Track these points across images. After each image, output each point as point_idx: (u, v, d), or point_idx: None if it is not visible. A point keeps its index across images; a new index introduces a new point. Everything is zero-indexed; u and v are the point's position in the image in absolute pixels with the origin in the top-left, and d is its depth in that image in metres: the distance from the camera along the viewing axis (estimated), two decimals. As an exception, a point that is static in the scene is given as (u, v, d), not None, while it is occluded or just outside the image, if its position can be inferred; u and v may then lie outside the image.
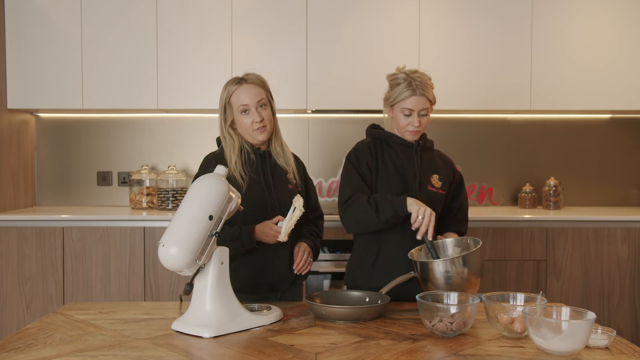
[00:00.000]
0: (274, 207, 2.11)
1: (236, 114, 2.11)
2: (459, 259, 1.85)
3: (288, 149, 2.24)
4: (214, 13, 3.52)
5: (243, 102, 2.09)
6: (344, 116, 3.86)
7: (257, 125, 2.09)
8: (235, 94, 2.11)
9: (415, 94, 2.07)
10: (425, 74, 2.13)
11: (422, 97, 2.08)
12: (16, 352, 1.48)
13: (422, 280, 1.90)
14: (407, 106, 2.09)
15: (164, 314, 1.85)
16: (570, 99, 3.58)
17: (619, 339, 1.58)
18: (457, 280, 1.83)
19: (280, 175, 2.18)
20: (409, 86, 2.08)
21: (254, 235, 2.03)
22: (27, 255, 3.27)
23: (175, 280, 3.26)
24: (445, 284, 1.84)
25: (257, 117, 2.09)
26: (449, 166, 2.28)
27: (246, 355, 1.47)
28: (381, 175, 2.14)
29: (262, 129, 2.11)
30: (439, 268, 1.84)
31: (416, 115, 2.10)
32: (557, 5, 3.56)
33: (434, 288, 1.86)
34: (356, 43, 3.53)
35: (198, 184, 1.71)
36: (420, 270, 1.89)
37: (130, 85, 3.53)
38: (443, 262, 1.85)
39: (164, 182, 3.62)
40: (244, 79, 2.13)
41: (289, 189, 2.16)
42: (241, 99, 2.09)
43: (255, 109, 2.09)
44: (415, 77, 2.09)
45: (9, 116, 3.57)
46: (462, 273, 1.83)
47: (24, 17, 3.51)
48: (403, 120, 2.12)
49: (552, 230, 3.32)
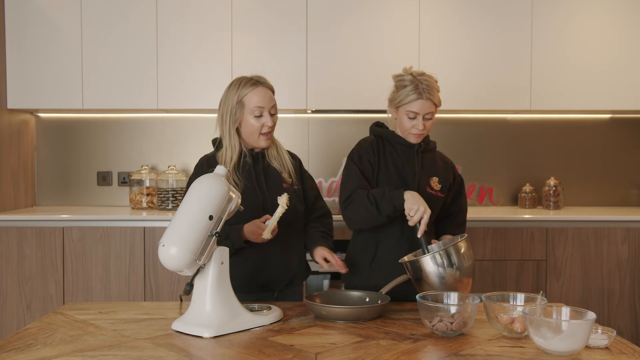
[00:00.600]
0: (266, 208, 2.09)
1: (247, 114, 2.07)
2: (445, 251, 1.85)
3: (282, 149, 2.22)
4: (214, 13, 3.52)
5: (259, 104, 2.06)
6: (344, 116, 3.86)
7: (266, 129, 2.08)
8: (251, 95, 2.07)
9: (421, 98, 2.07)
10: (433, 77, 2.12)
11: (428, 101, 2.08)
12: (16, 352, 1.48)
13: (415, 281, 1.90)
14: (413, 109, 2.08)
15: (164, 314, 1.85)
16: (570, 99, 3.58)
17: (619, 339, 1.58)
18: (449, 273, 1.83)
19: (273, 176, 2.16)
20: (415, 89, 2.07)
21: (242, 234, 2.01)
22: (27, 255, 3.27)
23: (175, 280, 3.27)
24: (438, 281, 1.83)
25: (270, 122, 2.08)
26: (449, 168, 2.27)
27: (246, 355, 1.47)
28: (382, 174, 2.14)
29: (269, 135, 2.11)
30: (428, 264, 1.84)
31: (421, 119, 2.09)
32: (557, 5, 3.56)
33: (428, 287, 1.85)
34: (356, 43, 3.54)
35: (198, 184, 1.71)
36: (412, 270, 1.89)
37: (130, 85, 3.52)
38: (431, 257, 1.85)
39: (164, 182, 3.62)
40: (258, 81, 2.10)
41: (284, 189, 2.14)
42: (257, 100, 2.07)
43: (269, 113, 2.08)
44: (422, 80, 2.08)
45: (9, 116, 3.57)
46: (452, 267, 1.83)
47: (24, 17, 3.51)
48: (407, 122, 2.11)
49: (552, 230, 3.32)
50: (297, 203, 2.16)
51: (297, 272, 2.19)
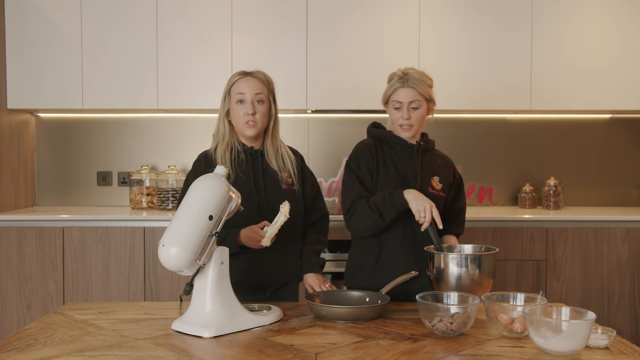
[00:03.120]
0: (262, 209, 2.08)
1: (232, 103, 2.10)
2: (475, 258, 1.86)
3: (284, 147, 2.20)
4: (214, 13, 3.52)
5: (240, 91, 2.08)
6: (344, 116, 3.86)
7: (248, 117, 2.07)
8: (237, 84, 2.11)
9: (404, 86, 2.08)
10: (425, 73, 2.13)
11: (410, 89, 2.08)
12: (16, 352, 1.48)
13: (434, 273, 1.89)
14: (397, 98, 2.10)
15: (164, 314, 1.85)
16: (570, 99, 3.58)
17: (619, 339, 1.58)
18: (467, 281, 1.83)
19: (272, 176, 2.14)
20: (399, 79, 2.10)
21: (238, 239, 2.00)
22: (27, 255, 3.27)
23: (175, 280, 3.26)
24: (454, 282, 1.84)
25: (250, 110, 2.07)
26: (449, 167, 2.27)
27: (246, 355, 1.47)
28: (382, 177, 2.13)
29: (252, 123, 2.08)
30: (454, 264, 1.85)
31: (405, 108, 2.09)
32: (557, 5, 3.56)
33: (444, 284, 1.85)
34: (356, 43, 3.53)
35: (198, 184, 1.70)
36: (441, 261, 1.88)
37: (130, 85, 3.52)
38: (464, 258, 1.86)
39: (164, 182, 3.63)
40: (249, 73, 2.13)
41: (282, 190, 2.13)
42: (240, 88, 2.09)
43: (251, 102, 2.08)
44: (409, 72, 2.11)
45: (9, 116, 3.57)
46: (474, 274, 1.84)
47: (24, 17, 3.51)
48: (395, 114, 2.12)
49: (552, 230, 3.32)
50: (296, 207, 2.10)
51: (292, 275, 2.18)
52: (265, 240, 1.91)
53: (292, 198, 2.12)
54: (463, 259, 1.86)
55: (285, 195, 2.10)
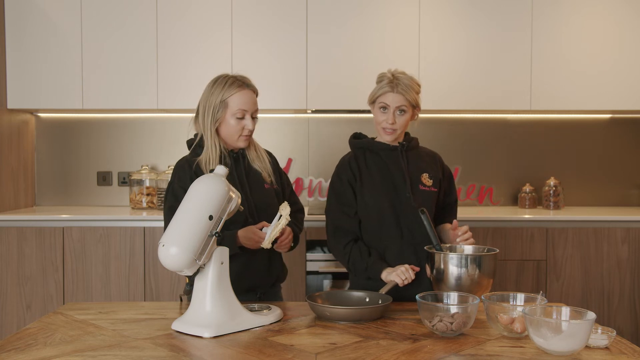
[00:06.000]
0: (250, 210, 2.07)
1: (229, 115, 2.05)
2: (475, 258, 1.86)
3: (261, 149, 2.21)
4: (214, 13, 3.52)
5: (243, 107, 2.05)
6: (344, 116, 3.86)
7: (247, 132, 2.07)
8: (236, 97, 2.05)
9: (392, 91, 2.09)
10: (414, 78, 2.14)
11: (399, 95, 2.09)
12: (16, 352, 1.48)
13: (434, 271, 1.90)
14: (384, 101, 2.10)
15: (164, 314, 1.85)
16: (570, 99, 3.58)
17: (619, 339, 1.58)
18: (467, 281, 1.83)
19: (255, 176, 2.14)
20: (389, 83, 2.10)
21: (237, 240, 1.98)
22: (27, 255, 3.27)
23: (175, 280, 3.26)
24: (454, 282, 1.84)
25: (251, 126, 2.06)
26: (436, 161, 2.26)
27: (246, 355, 1.47)
28: (367, 186, 2.13)
29: (247, 137, 2.10)
30: (454, 264, 1.85)
31: (391, 113, 2.10)
32: (557, 5, 3.56)
33: (444, 284, 1.86)
34: (356, 43, 3.53)
35: (198, 184, 1.70)
36: (435, 262, 1.89)
37: (130, 85, 3.52)
38: (464, 258, 1.86)
39: (164, 182, 3.62)
40: (244, 83, 2.08)
41: (265, 189, 2.14)
42: (242, 103, 2.05)
43: (251, 117, 2.08)
44: (399, 76, 2.11)
45: (9, 116, 3.57)
46: (474, 275, 1.84)
47: (24, 17, 3.51)
48: (380, 116, 2.13)
49: (552, 230, 3.32)
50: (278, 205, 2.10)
51: (279, 273, 2.20)
52: (266, 242, 1.91)
53: (275, 197, 2.15)
54: (463, 259, 1.86)
55: (269, 194, 2.13)
